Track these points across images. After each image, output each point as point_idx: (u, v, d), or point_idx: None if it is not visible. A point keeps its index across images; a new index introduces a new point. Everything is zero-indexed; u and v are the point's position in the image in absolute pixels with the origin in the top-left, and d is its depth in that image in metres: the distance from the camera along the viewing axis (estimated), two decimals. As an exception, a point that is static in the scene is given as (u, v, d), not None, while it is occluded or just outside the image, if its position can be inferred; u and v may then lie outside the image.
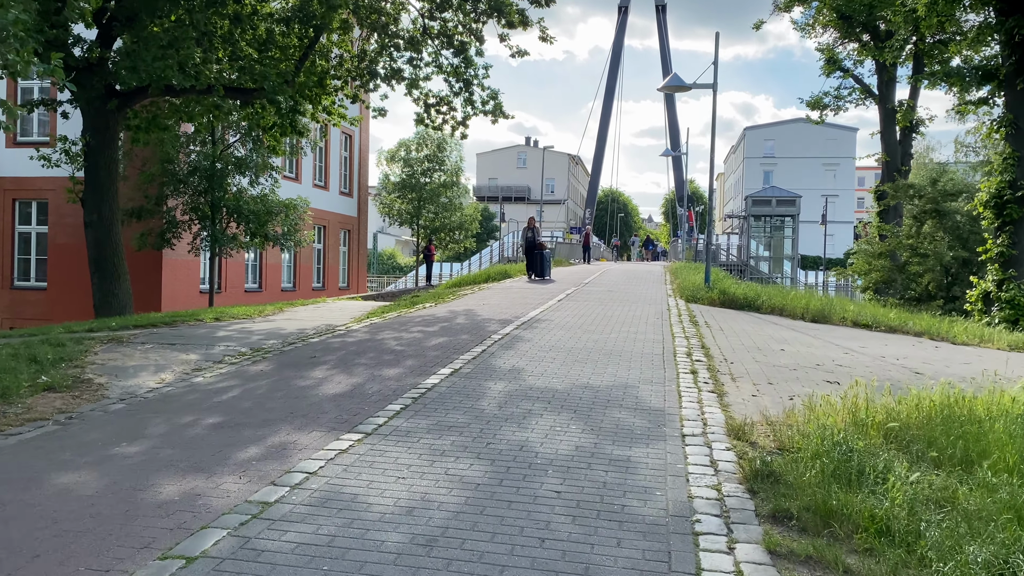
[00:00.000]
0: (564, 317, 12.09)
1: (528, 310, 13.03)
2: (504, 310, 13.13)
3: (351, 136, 38.07)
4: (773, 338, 10.95)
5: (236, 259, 27.87)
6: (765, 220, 51.38)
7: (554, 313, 12.67)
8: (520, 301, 14.81)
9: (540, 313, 12.56)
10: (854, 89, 27.46)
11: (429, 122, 19.23)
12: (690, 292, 16.12)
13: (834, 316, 13.93)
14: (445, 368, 7.46)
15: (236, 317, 12.82)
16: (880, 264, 21.22)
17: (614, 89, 55.18)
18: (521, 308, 13.44)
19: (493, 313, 12.61)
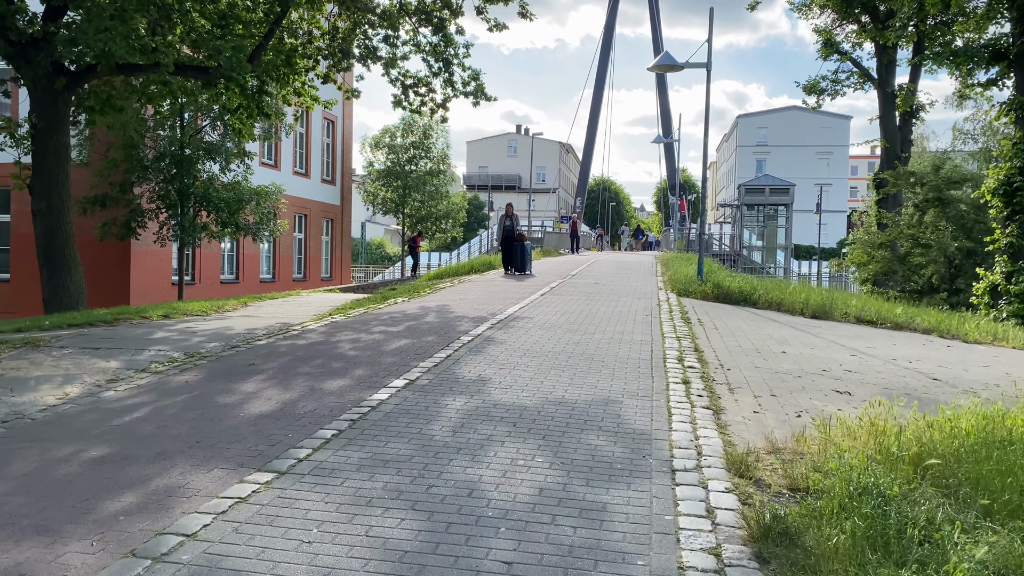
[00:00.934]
0: (545, 314, 11.09)
1: (507, 306, 12.02)
2: (481, 306, 12.13)
3: (333, 122, 36.89)
4: (772, 338, 9.99)
5: (211, 249, 26.77)
6: (758, 209, 50.48)
7: (535, 310, 11.67)
8: (500, 296, 13.81)
9: (520, 310, 11.56)
10: (852, 73, 26.47)
11: (407, 105, 18.14)
12: (682, 285, 15.15)
13: (836, 312, 12.98)
14: (399, 379, 6.45)
15: (189, 314, 11.78)
16: (880, 255, 20.30)
17: (605, 75, 54.11)
18: (500, 304, 12.44)
19: (468, 310, 11.60)
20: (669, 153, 49.83)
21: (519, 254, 19.36)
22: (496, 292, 14.43)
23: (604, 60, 54.47)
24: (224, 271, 28.75)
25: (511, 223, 19.68)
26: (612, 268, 22.82)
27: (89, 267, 23.13)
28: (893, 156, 24.77)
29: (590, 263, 25.67)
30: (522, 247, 19.39)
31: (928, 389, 7.48)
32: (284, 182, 32.02)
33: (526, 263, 19.43)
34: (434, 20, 17.38)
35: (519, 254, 19.36)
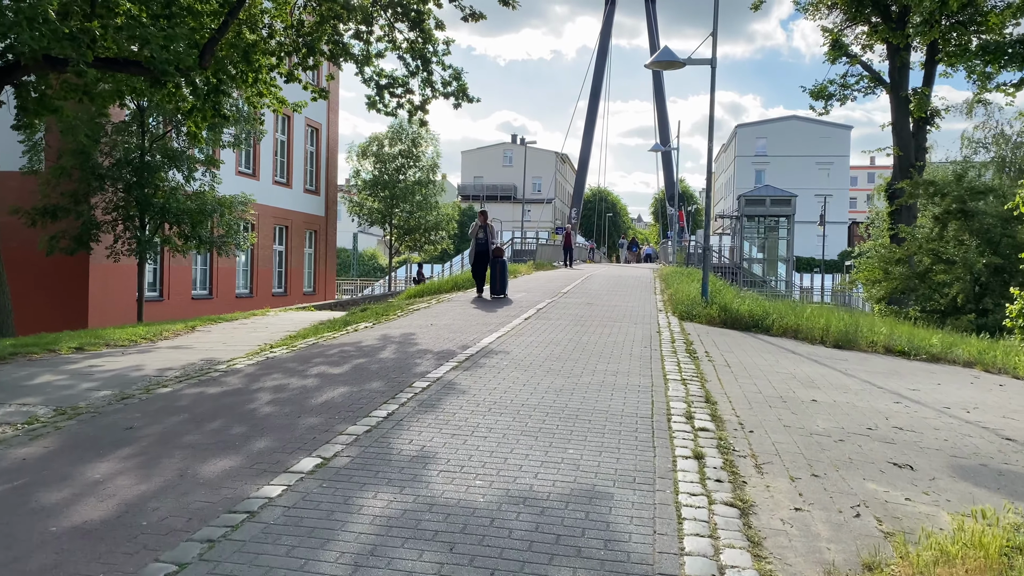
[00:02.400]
0: (525, 346, 9.41)
1: (483, 335, 10.35)
2: (453, 335, 10.45)
3: (318, 129, 35.34)
4: (796, 377, 8.32)
5: (181, 264, 25.10)
6: (759, 220, 48.91)
7: (515, 339, 9.99)
8: (478, 321, 12.13)
9: (497, 340, 9.88)
10: (862, 77, 24.89)
11: (382, 107, 16.50)
12: (684, 307, 13.49)
13: (861, 341, 11.32)
14: (310, 457, 4.77)
15: (114, 343, 10.09)
16: (898, 271, 18.64)
17: (601, 82, 52.57)
18: (476, 332, 10.76)
19: (436, 340, 9.92)
20: (667, 162, 48.27)
21: (497, 273, 15.93)
22: (474, 316, 12.75)
23: (600, 68, 53.02)
24: (196, 286, 27.08)
25: (485, 235, 16.05)
26: (607, 284, 21.15)
27: (43, 284, 21.45)
28: (907, 165, 23.17)
29: (584, 278, 24.00)
30: (500, 265, 16.09)
31: (1007, 456, 5.82)
32: (263, 192, 30.45)
33: (504, 284, 16.15)
34: (411, 14, 15.79)
35: (497, 273, 15.93)
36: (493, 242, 16.03)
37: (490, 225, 16.35)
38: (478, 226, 16.31)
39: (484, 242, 15.97)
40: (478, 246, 16.07)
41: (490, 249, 15.97)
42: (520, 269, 27.64)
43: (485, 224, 16.34)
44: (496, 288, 15.91)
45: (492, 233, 16.19)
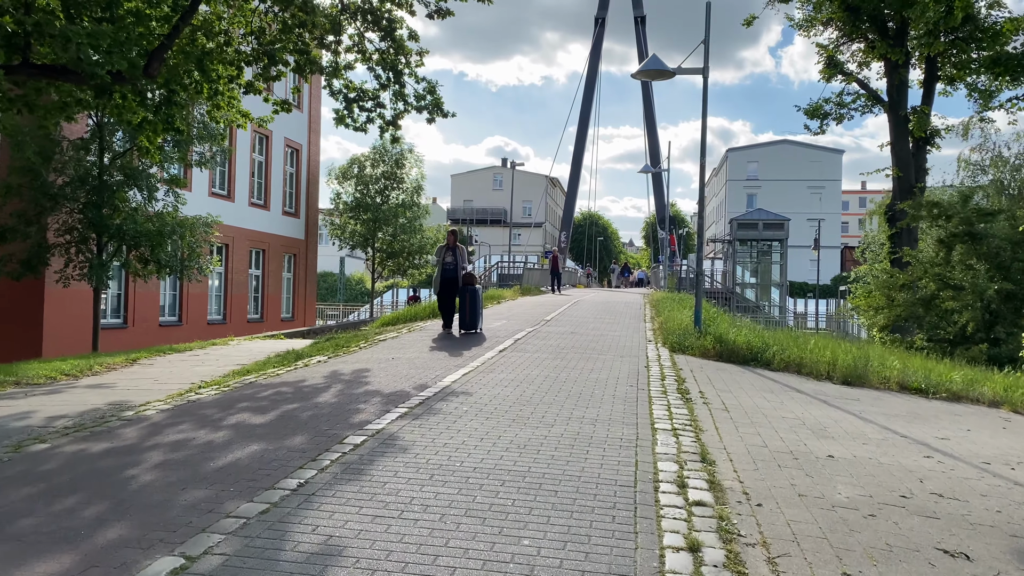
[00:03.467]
0: (494, 386, 8.20)
1: (448, 372, 9.13)
2: (413, 371, 9.22)
3: (298, 150, 34.31)
4: (805, 424, 7.12)
5: (148, 289, 23.84)
6: (751, 245, 48.08)
7: (482, 377, 8.77)
8: (448, 353, 10.91)
9: (461, 378, 8.66)
10: (858, 95, 23.98)
11: (351, 121, 15.38)
12: (676, 337, 12.31)
13: (872, 376, 10.16)
14: (171, 555, 3.52)
15: (28, 380, 8.83)
16: (902, 298, 17.54)
17: (590, 105, 51.76)
18: (441, 367, 9.54)
19: (391, 378, 8.69)
20: (657, 184, 47.34)
21: (467, 304, 13.34)
22: (444, 348, 11.52)
23: (589, 91, 52.26)
24: (165, 313, 25.79)
25: (455, 259, 13.76)
26: (595, 311, 19.97)
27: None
28: (907, 186, 22.19)
29: (571, 304, 22.83)
30: (471, 294, 13.45)
31: (1080, 535, 4.61)
32: (238, 214, 29.26)
33: (476, 318, 13.50)
34: (382, 22, 14.73)
35: (467, 304, 13.34)
36: (464, 267, 13.69)
37: (460, 247, 13.88)
38: (445, 248, 13.95)
39: (453, 267, 13.66)
40: (445, 272, 13.69)
41: (459, 275, 13.61)
42: (505, 294, 26.46)
43: (454, 246, 13.92)
44: (466, 322, 13.35)
45: (462, 256, 13.86)
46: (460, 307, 13.37)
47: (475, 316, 13.42)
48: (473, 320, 13.38)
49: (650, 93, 48.61)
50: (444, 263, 13.78)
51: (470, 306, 13.30)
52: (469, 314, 13.29)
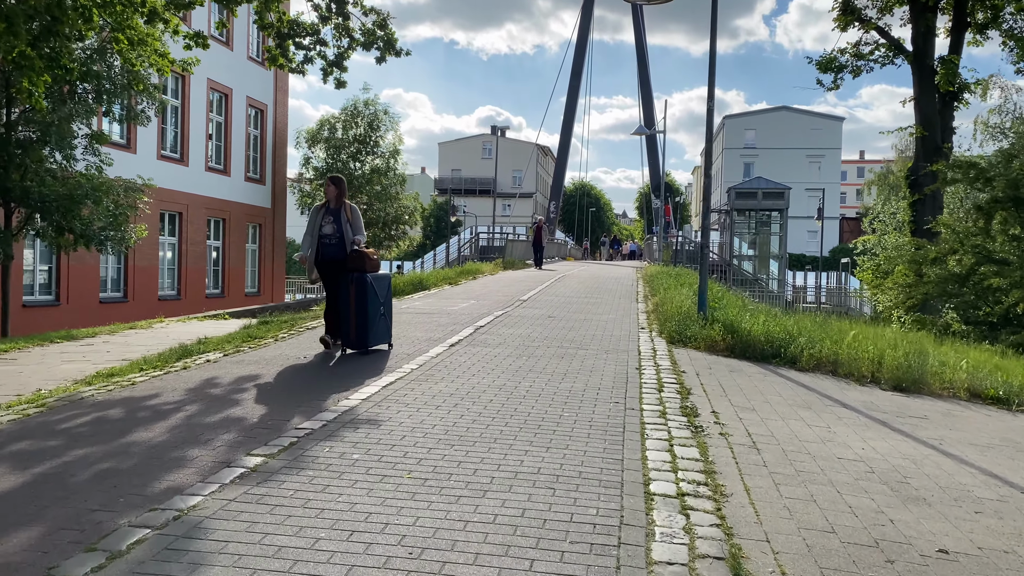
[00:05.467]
0: (418, 409, 5.79)
1: (369, 378, 6.71)
2: (321, 378, 6.80)
3: (262, 111, 31.54)
4: (874, 471, 4.74)
5: (85, 262, 21.27)
6: (750, 215, 45.66)
7: (410, 391, 6.35)
8: (397, 342, 8.49)
9: (378, 393, 6.25)
10: (877, 45, 21.42)
11: (285, 61, 12.82)
12: (675, 324, 9.90)
13: (932, 380, 7.78)
14: None
15: None
16: (934, 273, 15.17)
17: (581, 68, 48.83)
18: (364, 370, 7.12)
19: (283, 391, 6.28)
20: (652, 150, 44.63)
21: (353, 304, 7.97)
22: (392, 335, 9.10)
23: (580, 54, 49.26)
24: (106, 288, 23.26)
25: (337, 226, 8.25)
26: (580, 289, 17.55)
27: None
28: (932, 147, 19.73)
29: (555, 280, 20.41)
30: (361, 286, 7.97)
31: None
32: (194, 180, 26.56)
33: (369, 328, 7.99)
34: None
35: (353, 304, 7.97)
36: (356, 240, 8.17)
37: (348, 206, 8.35)
38: (323, 209, 8.38)
39: (335, 240, 8.20)
40: (323, 247, 8.24)
41: (346, 254, 8.14)
42: (483, 269, 23.99)
43: (338, 206, 8.29)
44: (352, 334, 7.96)
45: (351, 222, 8.27)
46: (356, 306, 7.95)
47: (367, 325, 7.88)
48: (363, 332, 7.89)
49: (644, 49, 45.72)
50: (321, 233, 8.21)
51: (357, 308, 7.86)
52: (356, 322, 7.87)
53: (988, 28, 20.19)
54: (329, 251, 8.27)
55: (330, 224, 8.28)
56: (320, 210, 8.42)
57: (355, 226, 8.29)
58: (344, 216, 8.29)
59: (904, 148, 69.20)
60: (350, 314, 7.96)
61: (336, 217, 8.29)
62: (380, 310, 8.10)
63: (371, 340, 8.04)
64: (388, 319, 8.33)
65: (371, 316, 7.96)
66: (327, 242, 8.26)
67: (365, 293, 7.94)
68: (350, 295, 7.96)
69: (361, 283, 7.97)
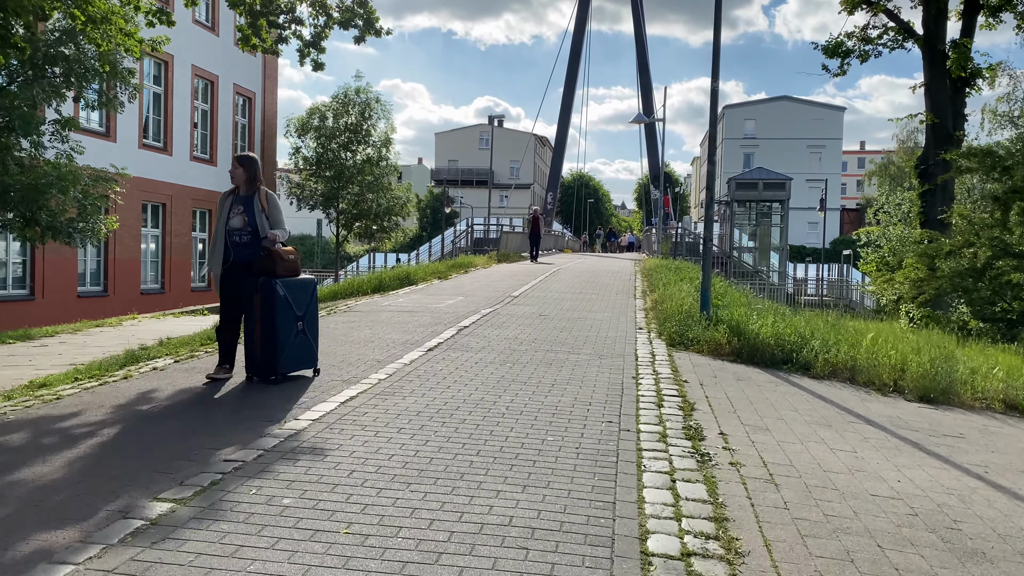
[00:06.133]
0: (375, 433, 4.99)
1: (326, 393, 5.90)
2: (278, 389, 5.99)
3: (250, 99, 30.64)
4: (917, 513, 3.93)
5: (60, 253, 20.42)
6: (750, 206, 44.87)
7: (373, 407, 5.55)
8: (349, 357, 7.68)
9: (335, 410, 5.44)
10: (886, 28, 20.53)
11: (259, 41, 11.95)
12: (676, 324, 9.09)
13: (962, 391, 6.98)
14: None
15: None
16: (949, 267, 14.37)
17: (579, 57, 47.89)
18: (323, 388, 6.31)
19: (233, 404, 5.46)
20: (651, 139, 43.71)
21: (258, 318, 6.16)
22: (345, 348, 8.28)
23: (578, 42, 48.30)
24: (85, 282, 22.43)
25: (248, 218, 6.36)
26: (576, 283, 16.74)
27: None
28: (943, 135, 18.87)
29: (550, 274, 19.61)
30: (269, 295, 6.13)
31: None
32: (177, 170, 25.68)
33: (279, 346, 6.11)
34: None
35: (258, 318, 6.16)
36: (271, 237, 6.28)
37: (264, 193, 6.53)
38: (232, 196, 6.51)
39: (246, 235, 6.36)
40: (231, 245, 6.39)
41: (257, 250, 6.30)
42: (476, 262, 23.15)
43: (250, 193, 6.47)
44: (257, 357, 6.23)
45: (265, 210, 6.44)
46: (247, 324, 6.31)
47: (275, 345, 6.09)
48: (270, 354, 6.10)
49: (643, 35, 44.75)
50: (228, 227, 6.40)
51: (263, 323, 6.10)
52: (262, 341, 6.11)
53: (1002, 11, 19.32)
54: (238, 251, 6.35)
55: (239, 216, 6.39)
56: (227, 198, 6.52)
57: (272, 218, 6.44)
58: (257, 205, 6.41)
59: (906, 138, 68.29)
60: (254, 330, 6.18)
61: (247, 207, 6.40)
62: (297, 326, 6.24)
63: (283, 364, 6.17)
64: (311, 337, 6.41)
65: (282, 334, 6.12)
66: (236, 239, 6.37)
67: (273, 303, 6.09)
68: (254, 309, 6.18)
69: (268, 291, 6.11)
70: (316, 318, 6.53)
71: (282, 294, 6.16)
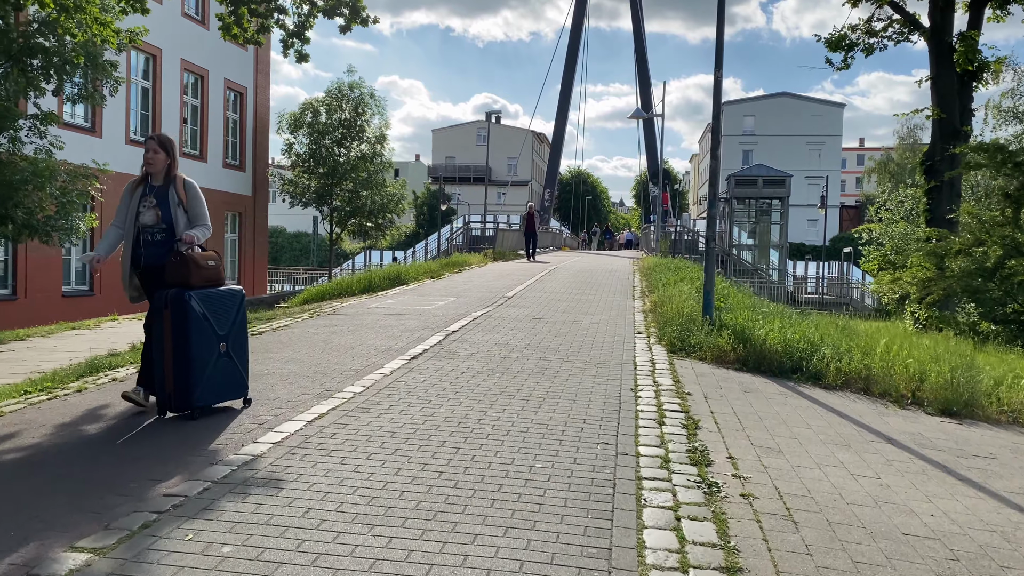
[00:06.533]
0: (341, 460, 4.48)
1: (294, 410, 5.37)
2: (210, 421, 5.47)
3: (242, 94, 30.09)
4: (959, 557, 3.41)
5: (45, 252, 19.85)
6: (749, 203, 44.41)
7: (345, 426, 5.03)
8: (326, 363, 7.15)
9: (300, 431, 4.92)
10: (891, 21, 20.00)
11: (240, 31, 11.42)
12: (677, 329, 8.56)
13: (986, 403, 6.48)
14: None
15: None
16: (959, 266, 13.86)
17: (576, 53, 47.28)
18: (293, 393, 5.79)
19: (179, 431, 4.93)
20: (649, 134, 43.13)
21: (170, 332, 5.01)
22: (344, 344, 7.74)
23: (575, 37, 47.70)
24: (70, 280, 21.91)
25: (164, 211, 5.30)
26: (572, 283, 16.22)
27: None
28: (950, 130, 18.35)
29: (546, 273, 19.09)
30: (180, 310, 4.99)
31: None
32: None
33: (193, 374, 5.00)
34: None
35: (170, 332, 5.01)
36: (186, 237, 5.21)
37: (180, 178, 5.43)
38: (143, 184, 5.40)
39: (161, 232, 5.32)
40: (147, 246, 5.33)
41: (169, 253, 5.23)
42: (471, 261, 22.63)
43: (169, 180, 5.38)
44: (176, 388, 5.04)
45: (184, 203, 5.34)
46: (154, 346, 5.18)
47: (189, 372, 5.02)
48: (183, 383, 5.03)
49: (641, 30, 44.16)
50: (140, 224, 5.33)
51: (175, 345, 5.02)
52: (173, 368, 5.02)
53: (1010, 2, 18.79)
54: (151, 252, 5.27)
55: (151, 210, 5.27)
56: (137, 188, 5.37)
57: (193, 212, 5.34)
58: (174, 197, 5.29)
59: (906, 135, 67.73)
60: (164, 355, 5.03)
61: (162, 199, 5.29)
62: (219, 348, 5.12)
63: (200, 396, 5.05)
64: (239, 361, 5.30)
65: (198, 358, 5.00)
66: (149, 237, 5.29)
67: (186, 321, 4.96)
68: (164, 326, 5.03)
69: (180, 306, 4.96)
70: (245, 337, 5.43)
71: (198, 310, 5.02)
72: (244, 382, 5.41)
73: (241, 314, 5.37)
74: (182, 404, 5.07)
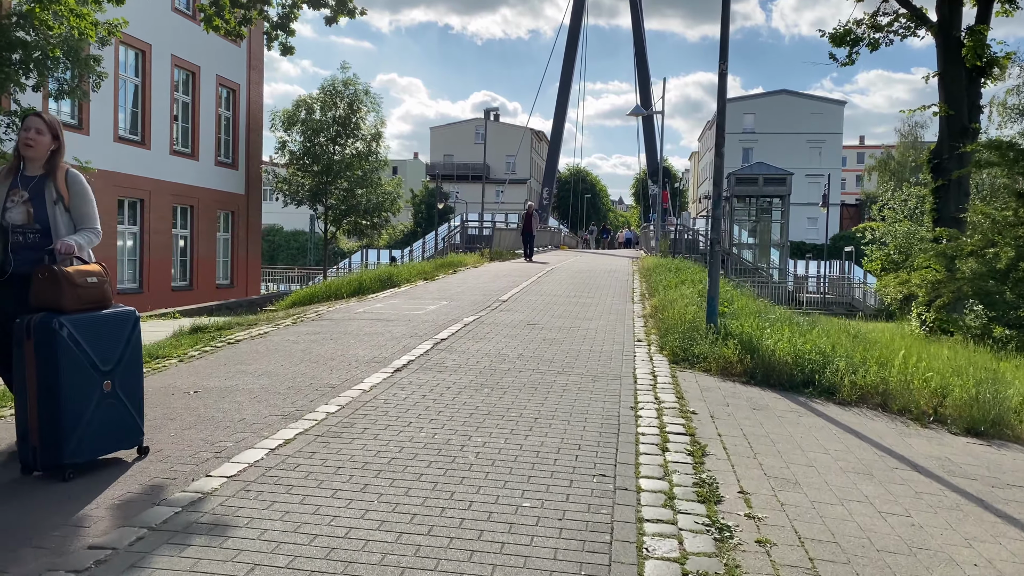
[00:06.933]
0: (312, 492, 3.98)
1: (257, 436, 4.87)
2: (202, 431, 4.96)
3: (234, 91, 29.55)
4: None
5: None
6: (750, 201, 43.91)
7: (311, 455, 4.52)
8: (300, 378, 6.64)
9: (263, 464, 4.41)
10: (897, 15, 19.47)
11: (222, 22, 10.90)
12: (679, 338, 8.05)
13: (1015, 421, 5.98)
14: None
15: None
16: (970, 268, 13.36)
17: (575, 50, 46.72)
18: (262, 411, 5.29)
19: (146, 465, 4.43)
20: (648, 131, 42.59)
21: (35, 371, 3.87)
22: (324, 354, 7.23)
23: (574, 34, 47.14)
24: (55, 281, 21.29)
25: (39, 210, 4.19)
26: (570, 286, 15.71)
27: None
28: (958, 127, 17.81)
29: (543, 274, 18.58)
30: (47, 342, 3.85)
31: None
32: (156, 164, 24.58)
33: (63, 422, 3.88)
34: None
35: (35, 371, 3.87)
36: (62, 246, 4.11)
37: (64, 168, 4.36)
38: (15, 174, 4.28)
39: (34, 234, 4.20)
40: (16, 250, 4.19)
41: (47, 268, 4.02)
42: (467, 261, 22.12)
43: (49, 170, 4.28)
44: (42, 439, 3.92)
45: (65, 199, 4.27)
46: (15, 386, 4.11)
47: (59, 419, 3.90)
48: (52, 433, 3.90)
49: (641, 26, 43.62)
50: (8, 223, 4.20)
51: (38, 387, 3.91)
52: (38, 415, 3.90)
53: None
54: (23, 257, 4.19)
55: (22, 206, 4.21)
56: (5, 180, 4.30)
57: (78, 213, 4.32)
58: (51, 192, 4.25)
59: (907, 133, 67.29)
60: (27, 398, 3.95)
61: (37, 193, 4.24)
62: (101, 388, 4.07)
63: (76, 450, 3.97)
64: (131, 401, 4.27)
65: (70, 403, 3.93)
66: (19, 240, 4.21)
67: (55, 355, 3.87)
68: (25, 364, 3.92)
69: (46, 335, 3.87)
70: (138, 370, 4.35)
71: (72, 340, 3.91)
72: (137, 427, 4.30)
73: (133, 343, 4.27)
74: (49, 461, 3.95)
